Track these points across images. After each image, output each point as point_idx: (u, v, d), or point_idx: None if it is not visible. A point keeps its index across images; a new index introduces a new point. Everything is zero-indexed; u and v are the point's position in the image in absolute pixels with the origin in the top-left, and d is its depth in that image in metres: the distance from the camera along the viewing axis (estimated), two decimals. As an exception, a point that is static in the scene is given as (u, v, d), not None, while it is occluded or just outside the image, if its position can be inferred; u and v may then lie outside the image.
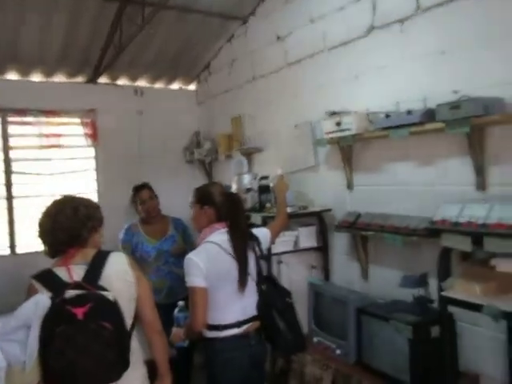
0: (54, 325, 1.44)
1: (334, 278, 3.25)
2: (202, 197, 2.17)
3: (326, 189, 3.24)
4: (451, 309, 2.16)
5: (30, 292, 1.59)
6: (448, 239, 2.05)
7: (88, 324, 1.44)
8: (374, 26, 2.82)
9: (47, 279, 1.59)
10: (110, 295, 1.54)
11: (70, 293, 1.51)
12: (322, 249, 3.25)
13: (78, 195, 1.81)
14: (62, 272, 1.61)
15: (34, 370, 1.44)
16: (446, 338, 2.18)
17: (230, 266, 2.04)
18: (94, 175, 4.52)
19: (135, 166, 4.60)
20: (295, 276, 3.12)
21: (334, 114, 2.94)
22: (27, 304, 1.50)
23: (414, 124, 2.34)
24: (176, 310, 2.24)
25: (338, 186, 3.13)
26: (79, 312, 1.45)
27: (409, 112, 2.37)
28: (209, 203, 2.15)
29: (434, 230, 2.13)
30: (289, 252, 3.17)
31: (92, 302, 1.48)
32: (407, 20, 2.61)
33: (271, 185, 3.17)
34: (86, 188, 4.39)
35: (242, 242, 2.07)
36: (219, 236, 2.09)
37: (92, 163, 4.52)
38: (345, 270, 3.13)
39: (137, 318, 1.73)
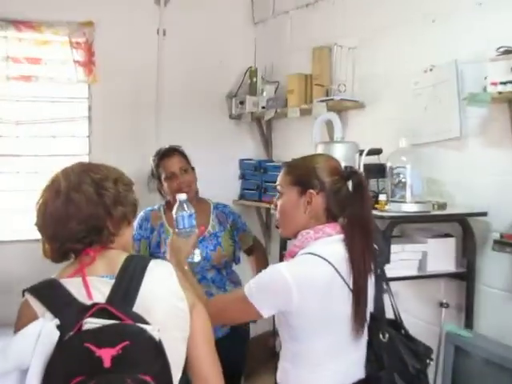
0: (66, 374, 1.39)
1: (480, 327, 3.14)
2: (303, 175, 2.07)
3: (477, 176, 3.15)
4: None
5: (25, 315, 1.56)
6: None
7: (120, 376, 1.39)
8: None
9: (52, 297, 1.55)
10: (153, 330, 1.49)
11: (90, 322, 1.46)
12: (464, 276, 3.15)
13: (99, 163, 1.79)
14: (74, 286, 1.58)
15: None
16: None
17: (344, 299, 1.96)
18: (85, 129, 4.52)
19: (150, 119, 4.60)
20: (411, 317, 3.12)
21: (508, 52, 2.79)
22: (22, 336, 1.47)
23: None
24: (176, 207, 2.33)
25: (502, 173, 3.04)
26: (106, 355, 1.40)
27: None
28: (315, 186, 2.04)
29: None
30: (408, 278, 3.12)
31: (126, 341, 1.43)
32: None
33: (388, 165, 3.06)
34: (71, 149, 4.43)
35: (367, 261, 2.00)
36: (330, 247, 1.99)
37: (83, 110, 4.51)
38: (502, 316, 3.03)
39: (186, 368, 1.71)
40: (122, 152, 4.23)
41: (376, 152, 3.25)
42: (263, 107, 4.53)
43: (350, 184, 2.05)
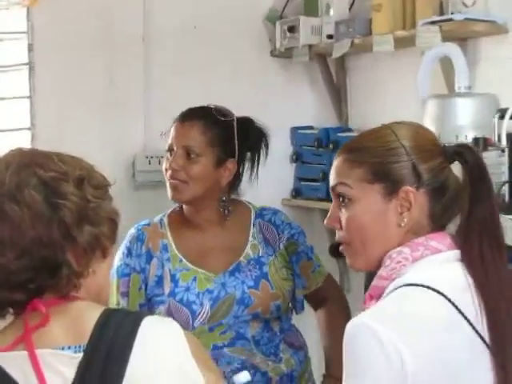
0: None
1: None
2: (386, 163, 1.84)
3: None
4: None
5: None
6: None
7: None
8: None
9: None
10: None
11: None
12: None
13: (51, 152, 1.60)
14: (16, 366, 1.49)
15: None
16: None
17: (473, 350, 1.74)
18: (23, 84, 3.75)
19: (135, 64, 3.89)
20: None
21: None
22: None
23: None
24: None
25: None
26: None
27: None
28: (411, 180, 1.83)
29: None
30: None
31: None
32: None
33: None
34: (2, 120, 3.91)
35: (506, 289, 1.78)
36: (441, 271, 1.80)
37: (20, 52, 3.74)
38: None
39: None
40: (87, 124, 3.77)
41: None
42: (330, 36, 3.87)
43: (459, 169, 1.87)
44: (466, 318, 1.68)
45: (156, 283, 2.85)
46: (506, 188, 2.73)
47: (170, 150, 2.87)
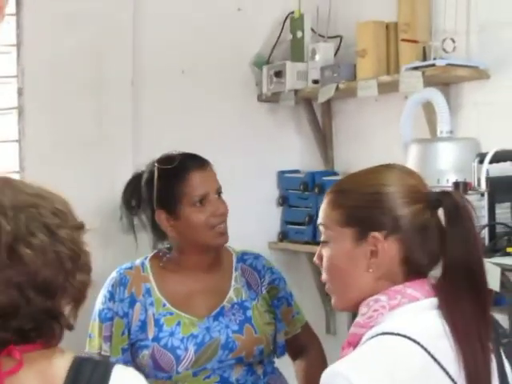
0: None
1: None
2: (360, 208, 1.91)
3: None
4: None
5: None
6: None
7: None
8: None
9: None
10: None
11: None
12: None
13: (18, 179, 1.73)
14: None
15: None
16: None
17: None
18: (12, 128, 3.76)
19: (123, 106, 3.89)
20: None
21: None
22: None
23: None
24: None
25: None
26: None
27: None
28: (382, 226, 1.87)
29: None
30: None
31: None
32: None
33: None
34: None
35: (484, 339, 1.78)
36: (417, 319, 1.83)
37: (11, 97, 3.76)
38: None
39: None
40: (75, 167, 3.78)
41: (509, 156, 2.99)
42: (315, 81, 3.92)
43: (441, 214, 1.90)
44: (442, 366, 1.70)
45: (139, 328, 2.85)
46: (485, 231, 2.74)
47: (204, 198, 2.88)
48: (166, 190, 2.92)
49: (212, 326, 2.83)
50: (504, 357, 1.84)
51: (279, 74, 3.91)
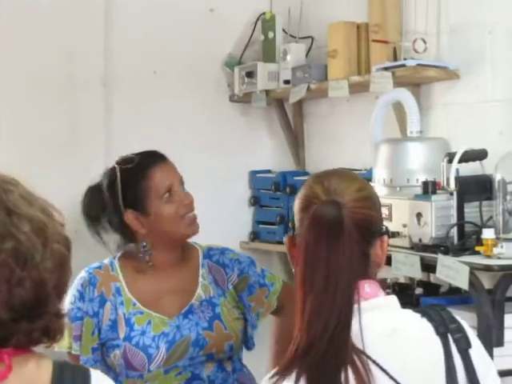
0: None
1: None
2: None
3: None
4: None
5: None
6: None
7: None
8: None
9: None
10: None
11: None
12: None
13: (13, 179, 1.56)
14: None
15: None
16: None
17: None
18: None
19: (95, 106, 3.94)
20: None
21: None
22: None
23: None
24: None
25: None
26: None
27: None
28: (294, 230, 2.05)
29: None
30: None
31: None
32: None
33: (497, 177, 2.90)
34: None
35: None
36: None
37: None
38: None
39: None
40: (48, 168, 3.80)
41: (477, 156, 3.00)
42: (287, 81, 3.95)
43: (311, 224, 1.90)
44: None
45: (110, 327, 2.86)
46: (454, 230, 2.80)
47: (170, 190, 2.90)
48: (132, 188, 2.93)
49: (182, 324, 2.85)
50: (456, 351, 1.84)
51: (251, 74, 3.98)
